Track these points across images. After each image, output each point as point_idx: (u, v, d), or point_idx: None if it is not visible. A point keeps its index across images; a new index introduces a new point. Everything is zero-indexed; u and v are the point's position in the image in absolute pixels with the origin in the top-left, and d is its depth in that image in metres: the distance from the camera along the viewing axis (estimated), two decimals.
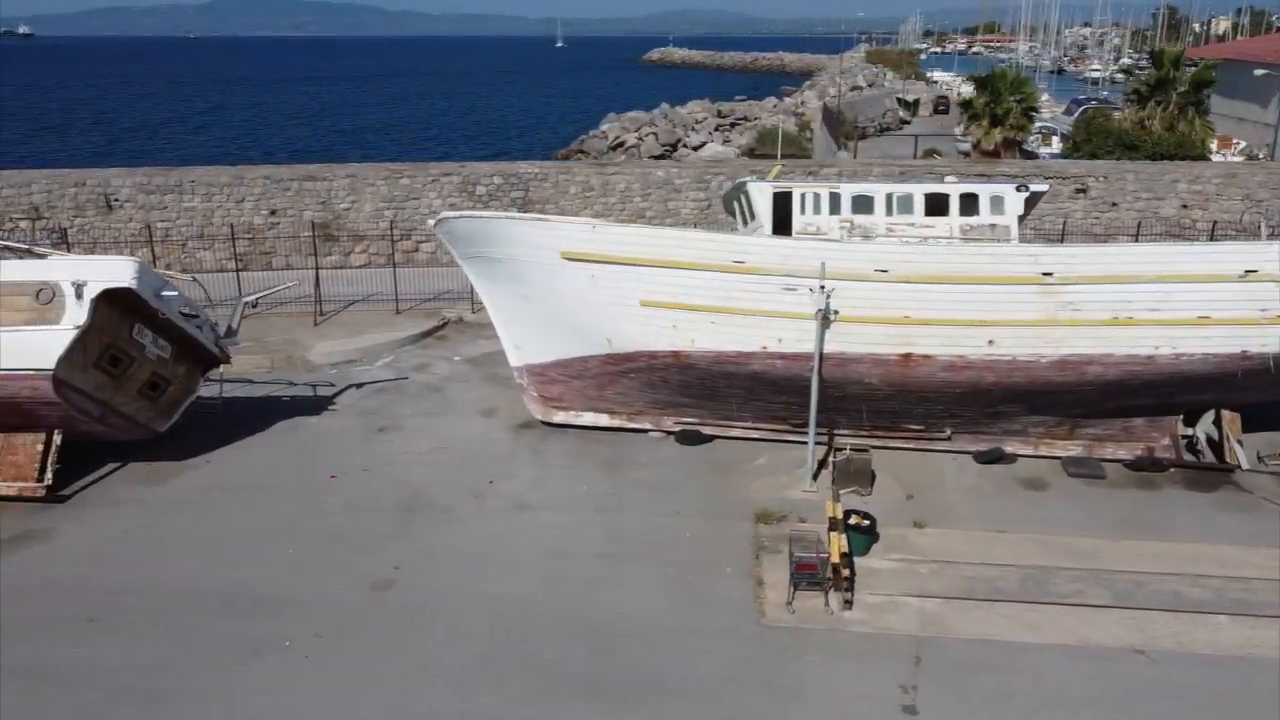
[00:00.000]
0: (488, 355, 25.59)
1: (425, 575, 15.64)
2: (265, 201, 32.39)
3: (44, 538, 16.79)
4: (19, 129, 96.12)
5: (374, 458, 19.72)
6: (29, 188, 31.21)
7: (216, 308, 22.61)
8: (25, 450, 17.84)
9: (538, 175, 33.24)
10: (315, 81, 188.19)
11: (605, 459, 19.65)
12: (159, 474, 19.00)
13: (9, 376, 16.59)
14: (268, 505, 17.84)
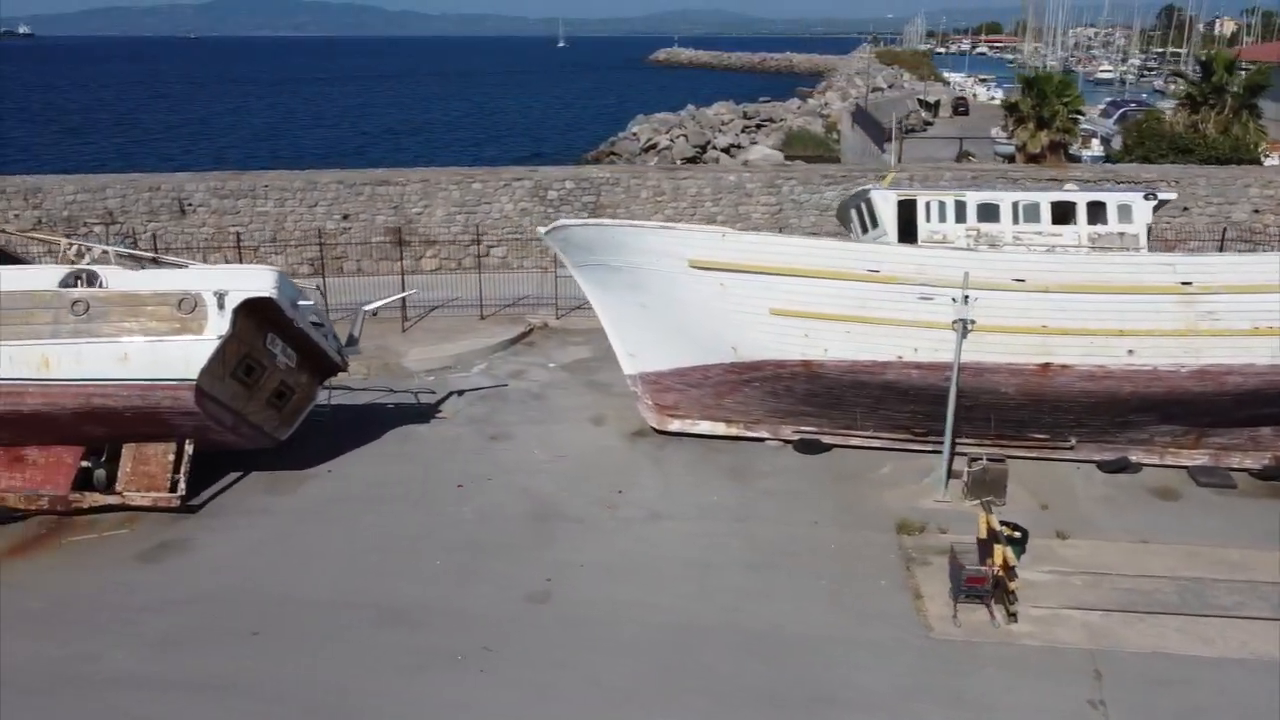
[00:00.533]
0: (581, 362, 25.54)
1: (578, 587, 15.53)
2: (338, 206, 32.28)
3: (183, 548, 16.69)
4: (45, 132, 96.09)
5: (495, 467, 19.62)
6: (103, 192, 31.10)
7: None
8: (157, 460, 17.73)
9: (609, 180, 33.15)
10: (326, 82, 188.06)
11: (728, 468, 19.56)
12: (283, 483, 18.90)
13: (151, 386, 16.48)
14: (400, 515, 17.74)
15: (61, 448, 17.61)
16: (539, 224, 32.47)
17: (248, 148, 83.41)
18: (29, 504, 17.51)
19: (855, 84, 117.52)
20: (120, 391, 16.51)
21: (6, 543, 16.89)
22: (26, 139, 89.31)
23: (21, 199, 30.74)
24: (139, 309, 16.44)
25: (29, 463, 17.64)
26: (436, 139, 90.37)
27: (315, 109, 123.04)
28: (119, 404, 16.66)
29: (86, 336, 16.32)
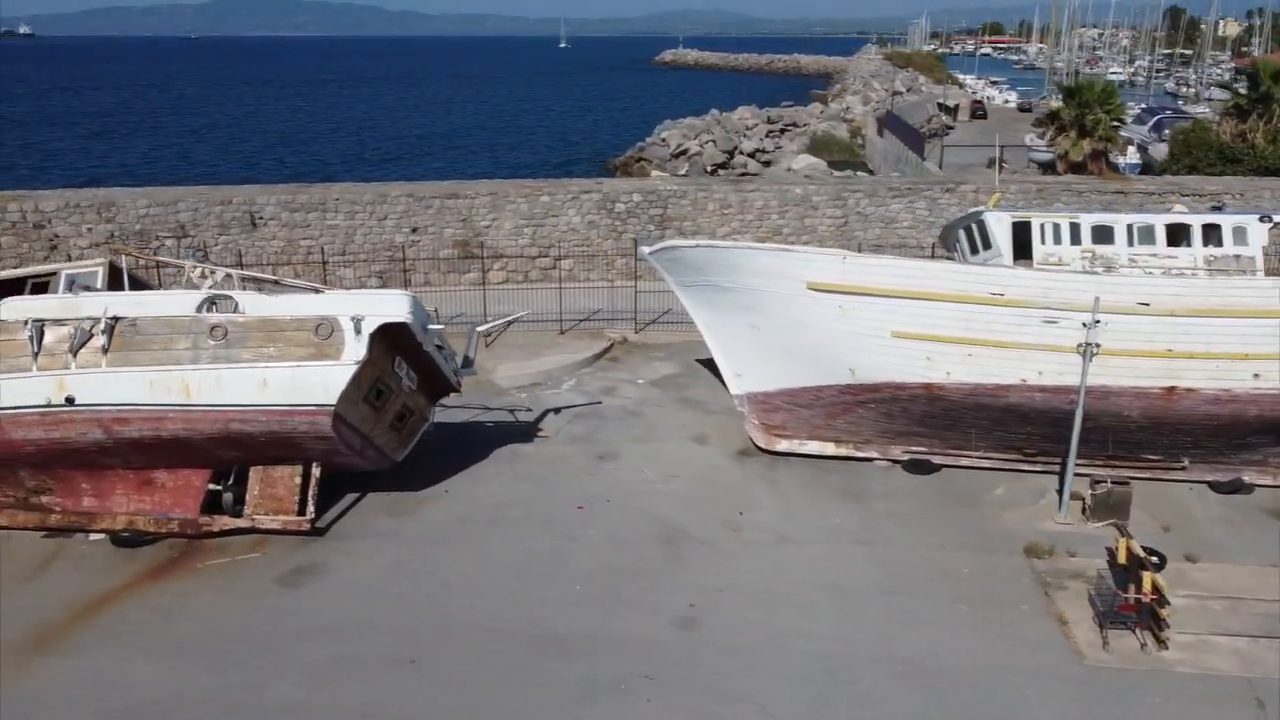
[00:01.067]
0: (669, 378, 25.63)
1: (723, 613, 15.61)
2: (407, 219, 32.34)
3: (320, 573, 16.75)
4: (69, 136, 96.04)
5: (610, 487, 19.69)
6: (175, 206, 31.13)
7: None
8: (284, 483, 17.79)
9: (676, 192, 33.22)
10: (337, 84, 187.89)
11: (841, 489, 19.64)
12: (403, 505, 18.96)
13: (290, 412, 16.54)
14: (527, 538, 17.80)
15: (189, 471, 17.66)
16: (606, 237, 32.76)
17: (274, 154, 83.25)
18: (159, 527, 17.58)
19: (873, 87, 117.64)
20: (259, 417, 16.56)
21: (142, 566, 16.94)
22: (56, 145, 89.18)
23: (95, 213, 30.77)
24: (277, 334, 16.49)
25: (157, 486, 17.71)
26: (462, 144, 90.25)
27: (335, 114, 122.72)
28: (256, 429, 16.71)
29: (226, 362, 16.37)
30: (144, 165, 75.61)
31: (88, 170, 72.33)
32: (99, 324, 16.24)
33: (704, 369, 26.18)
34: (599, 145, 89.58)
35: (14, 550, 17.46)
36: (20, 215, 30.38)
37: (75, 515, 17.78)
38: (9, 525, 17.90)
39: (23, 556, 17.27)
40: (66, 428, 16.47)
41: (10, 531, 17.95)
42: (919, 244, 33.67)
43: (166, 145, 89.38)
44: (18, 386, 16.23)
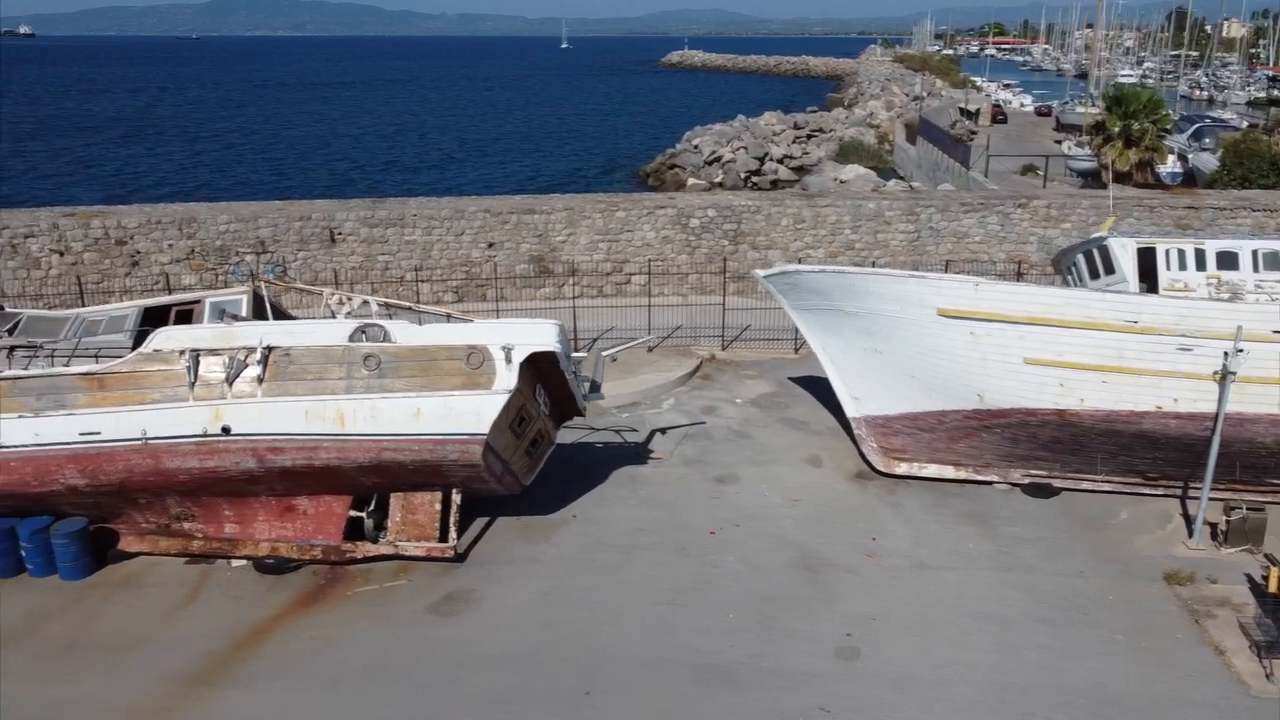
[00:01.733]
0: (766, 397, 25.74)
1: (880, 642, 15.70)
2: (484, 234, 32.44)
3: (470, 600, 16.83)
4: (99, 141, 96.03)
5: (736, 512, 19.78)
6: (255, 222, 31.23)
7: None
8: (425, 509, 17.89)
9: (750, 208, 33.34)
10: (348, 86, 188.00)
11: (967, 513, 19.74)
12: (534, 530, 19.06)
13: (443, 441, 16.62)
14: (667, 564, 17.89)
15: (331, 497, 17.75)
16: (680, 252, 32.85)
17: (305, 162, 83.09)
18: (302, 553, 17.68)
19: (892, 91, 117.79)
20: (412, 446, 16.65)
21: (291, 594, 17.03)
22: (85, 151, 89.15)
23: (176, 228, 30.87)
24: (429, 364, 16.57)
25: (299, 512, 17.80)
26: (491, 151, 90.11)
27: (360, 118, 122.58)
28: (407, 458, 16.81)
29: (380, 392, 16.45)
30: (180, 173, 75.72)
31: (128, 179, 72.51)
32: (255, 354, 16.32)
33: (798, 387, 26.36)
34: (625, 151, 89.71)
35: (159, 577, 17.55)
36: (103, 231, 30.49)
37: (217, 542, 17.87)
38: (151, 551, 17.99)
39: (170, 584, 17.35)
40: (221, 457, 16.55)
41: (152, 558, 18.03)
42: (990, 259, 33.84)
43: (198, 152, 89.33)
44: (174, 416, 16.30)
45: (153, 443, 16.38)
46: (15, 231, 29.98)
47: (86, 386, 16.26)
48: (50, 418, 16.25)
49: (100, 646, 15.66)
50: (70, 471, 16.52)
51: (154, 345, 16.34)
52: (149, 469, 16.60)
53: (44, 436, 16.31)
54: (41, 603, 16.76)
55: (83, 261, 30.58)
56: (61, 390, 16.24)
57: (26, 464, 16.44)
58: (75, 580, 17.32)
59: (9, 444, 16.32)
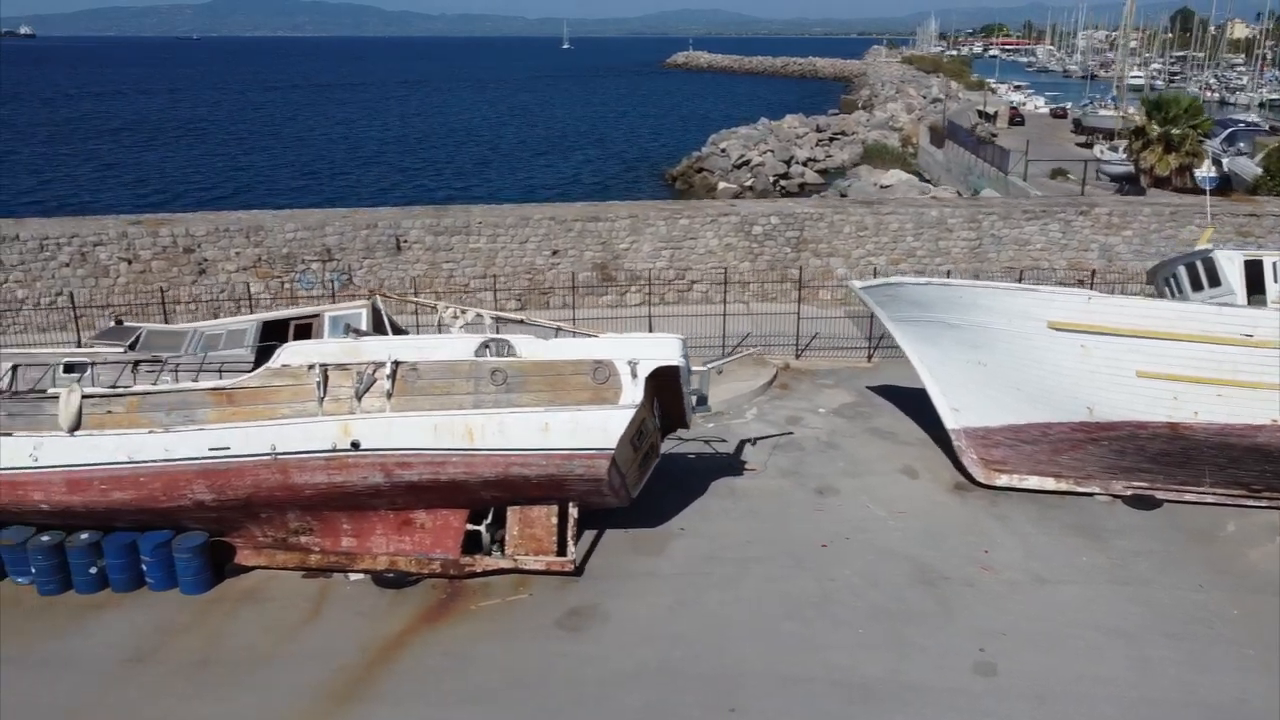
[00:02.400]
0: (848, 406, 25.75)
1: (1014, 658, 15.68)
2: (548, 242, 32.43)
3: (594, 615, 16.81)
4: (125, 145, 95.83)
5: (843, 524, 19.78)
6: (322, 230, 31.21)
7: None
8: (541, 523, 17.88)
9: (813, 215, 33.35)
10: (362, 88, 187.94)
11: (1073, 526, 19.74)
12: (645, 543, 19.05)
13: (570, 456, 16.62)
14: (785, 578, 17.88)
15: (448, 511, 17.74)
16: (743, 259, 32.85)
17: (340, 167, 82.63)
18: (420, 567, 17.66)
19: (908, 94, 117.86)
20: (539, 460, 16.65)
21: (414, 609, 17.02)
22: (112, 156, 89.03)
23: (243, 236, 30.85)
24: (556, 378, 16.57)
25: (417, 526, 17.79)
26: (519, 156, 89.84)
27: (380, 121, 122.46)
28: (533, 472, 16.80)
29: (508, 406, 16.45)
30: (209, 178, 75.64)
31: (162, 183, 72.47)
32: (383, 369, 16.31)
33: (878, 397, 26.38)
34: (650, 154, 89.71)
35: (279, 591, 17.53)
36: (171, 239, 30.48)
37: (335, 555, 17.85)
38: (268, 565, 17.97)
39: (291, 598, 17.33)
40: (350, 472, 16.54)
41: (269, 572, 18.02)
42: (1051, 266, 33.87)
43: (227, 156, 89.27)
44: (303, 431, 16.29)
45: (282, 458, 16.37)
46: (85, 240, 29.97)
47: (216, 401, 16.25)
48: (180, 433, 16.24)
49: (234, 662, 15.64)
50: (199, 486, 16.50)
51: (282, 360, 16.32)
52: (277, 484, 16.59)
53: (174, 452, 16.30)
54: (167, 618, 16.74)
55: (150, 270, 30.57)
56: (191, 405, 16.23)
57: (156, 479, 16.42)
58: (196, 595, 17.30)
59: (140, 459, 16.30)
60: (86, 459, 16.29)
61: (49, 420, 16.19)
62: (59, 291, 30.21)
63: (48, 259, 29.94)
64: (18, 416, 16.27)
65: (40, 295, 30.11)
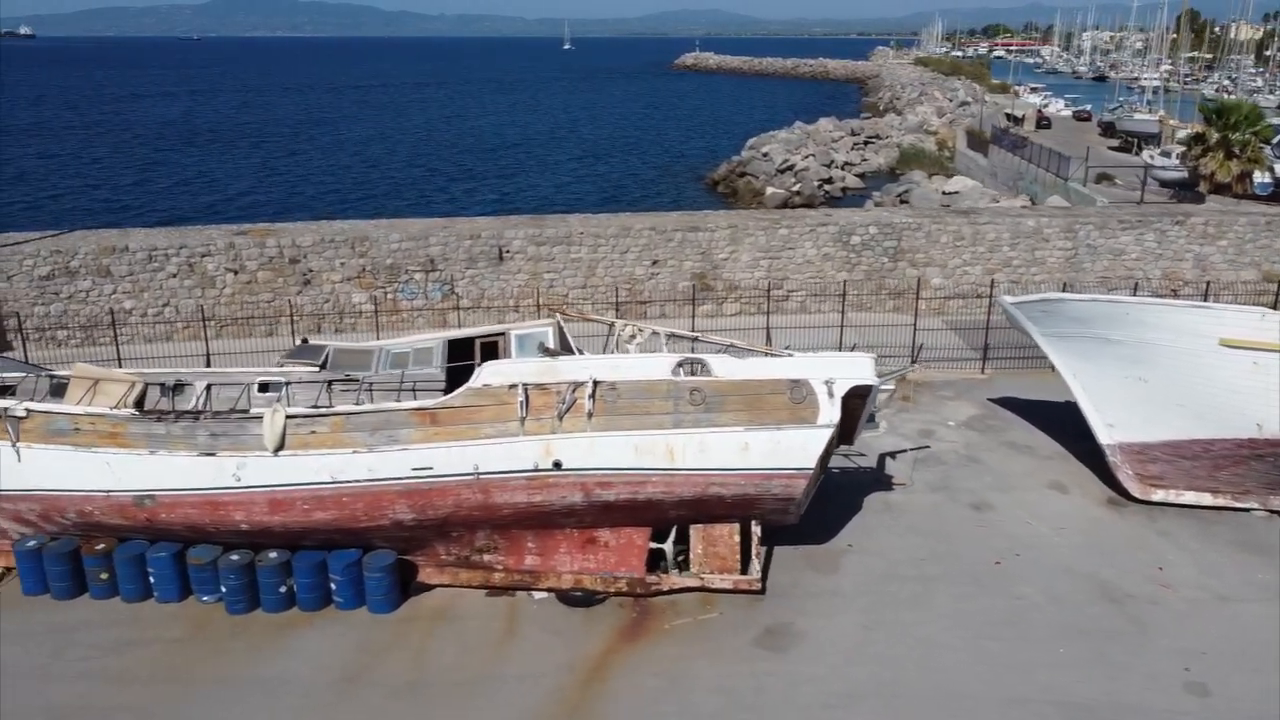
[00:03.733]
0: (977, 419, 25.79)
1: (1223, 678, 15.70)
2: (648, 252, 32.44)
3: (790, 634, 16.80)
4: (161, 147, 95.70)
5: (1009, 540, 19.79)
6: (426, 240, 31.21)
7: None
8: (724, 541, 17.87)
9: (911, 225, 33.38)
10: (382, 89, 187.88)
11: (1239, 542, 19.77)
12: (818, 560, 19.05)
13: (769, 475, 16.64)
14: (969, 596, 17.89)
15: (631, 529, 17.72)
16: (840, 269, 32.86)
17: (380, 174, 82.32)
18: (606, 586, 17.65)
19: (934, 97, 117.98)
20: (738, 480, 16.66)
21: (608, 628, 17.00)
22: (155, 156, 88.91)
23: (348, 247, 30.85)
24: (753, 398, 16.56)
25: (601, 544, 17.77)
26: (551, 160, 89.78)
27: (407, 125, 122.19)
28: (730, 492, 16.81)
29: (708, 426, 16.44)
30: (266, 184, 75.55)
31: (204, 188, 72.33)
32: (584, 388, 16.30)
33: (1003, 409, 26.42)
34: (687, 159, 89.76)
35: (468, 610, 17.49)
36: (277, 250, 30.47)
37: (518, 574, 17.83)
38: (451, 583, 17.95)
39: (481, 617, 17.30)
40: (550, 491, 16.54)
41: (452, 590, 18.00)
42: (1145, 276, 33.93)
43: (268, 160, 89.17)
44: (505, 450, 16.28)
45: (484, 477, 16.36)
46: (193, 251, 29.95)
47: (419, 421, 16.23)
48: (383, 453, 16.22)
49: (445, 683, 15.62)
50: (401, 506, 16.49)
51: (483, 380, 16.30)
52: (477, 503, 16.58)
53: (377, 472, 16.28)
54: (365, 637, 16.72)
55: (256, 280, 30.56)
56: (395, 425, 16.20)
57: (359, 499, 16.41)
58: (385, 614, 17.28)
59: (343, 479, 16.28)
60: (290, 479, 16.26)
61: (253, 440, 16.16)
62: (165, 302, 30.20)
63: (155, 270, 29.92)
64: (221, 437, 16.23)
65: (147, 306, 30.08)
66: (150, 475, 16.39)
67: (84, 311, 29.60)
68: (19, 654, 16.35)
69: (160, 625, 17.08)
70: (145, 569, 17.49)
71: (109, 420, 16.41)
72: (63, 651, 16.40)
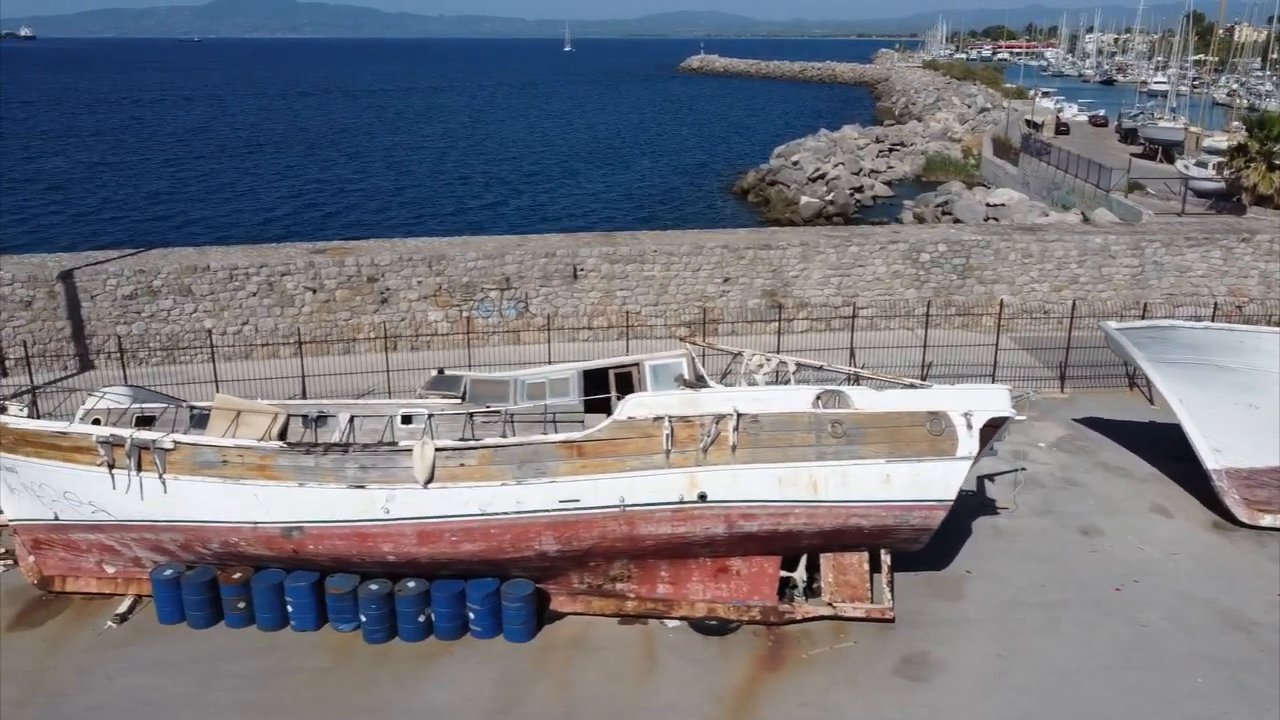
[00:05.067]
0: (1065, 440, 25.97)
1: None
2: (720, 270, 32.60)
3: (927, 663, 16.95)
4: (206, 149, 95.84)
5: (1123, 565, 19.96)
6: (502, 259, 31.35)
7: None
8: (854, 570, 18.05)
9: (979, 243, 33.56)
10: (400, 93, 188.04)
11: None
12: (940, 586, 19.21)
13: (909, 507, 16.82)
14: (1095, 624, 18.05)
15: (762, 557, 17.89)
16: (909, 286, 33.02)
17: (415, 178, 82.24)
18: (739, 614, 17.80)
19: (952, 103, 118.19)
20: (879, 512, 16.83)
21: (747, 657, 17.16)
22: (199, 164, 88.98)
23: (425, 266, 31.00)
24: (893, 430, 16.74)
25: (733, 573, 17.93)
26: (579, 169, 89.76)
27: (432, 132, 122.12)
28: (870, 523, 16.98)
29: (850, 458, 16.62)
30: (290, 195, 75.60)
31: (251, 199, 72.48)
32: (728, 420, 16.45)
33: (1090, 430, 26.58)
34: (707, 164, 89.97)
35: (604, 639, 17.62)
36: (356, 269, 30.61)
37: (651, 602, 17.98)
38: (584, 611, 18.10)
39: (619, 646, 17.42)
40: (694, 523, 16.70)
41: (584, 618, 18.14)
42: (1210, 293, 34.10)
43: (281, 165, 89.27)
44: (651, 483, 16.44)
45: (630, 509, 16.52)
46: (273, 270, 30.09)
47: (566, 454, 16.38)
48: (531, 485, 16.37)
49: (597, 714, 15.77)
50: (547, 538, 16.65)
51: (627, 412, 16.46)
52: (621, 535, 16.74)
53: (525, 504, 16.44)
54: (508, 667, 16.86)
55: (335, 299, 30.71)
56: (542, 458, 16.36)
57: (507, 531, 16.56)
58: (521, 643, 17.43)
59: (491, 511, 16.44)
60: (439, 511, 16.42)
61: (403, 473, 16.31)
62: (245, 321, 30.33)
63: (236, 289, 30.06)
64: (371, 469, 16.38)
65: (226, 325, 30.22)
66: (299, 507, 16.54)
67: (165, 330, 29.74)
68: (167, 684, 16.50)
69: (302, 654, 17.23)
70: (283, 598, 17.64)
71: (258, 453, 16.55)
72: (210, 681, 16.54)
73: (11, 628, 17.96)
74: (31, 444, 17.33)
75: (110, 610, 18.41)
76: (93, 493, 17.24)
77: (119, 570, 18.58)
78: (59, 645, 17.43)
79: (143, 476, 16.86)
